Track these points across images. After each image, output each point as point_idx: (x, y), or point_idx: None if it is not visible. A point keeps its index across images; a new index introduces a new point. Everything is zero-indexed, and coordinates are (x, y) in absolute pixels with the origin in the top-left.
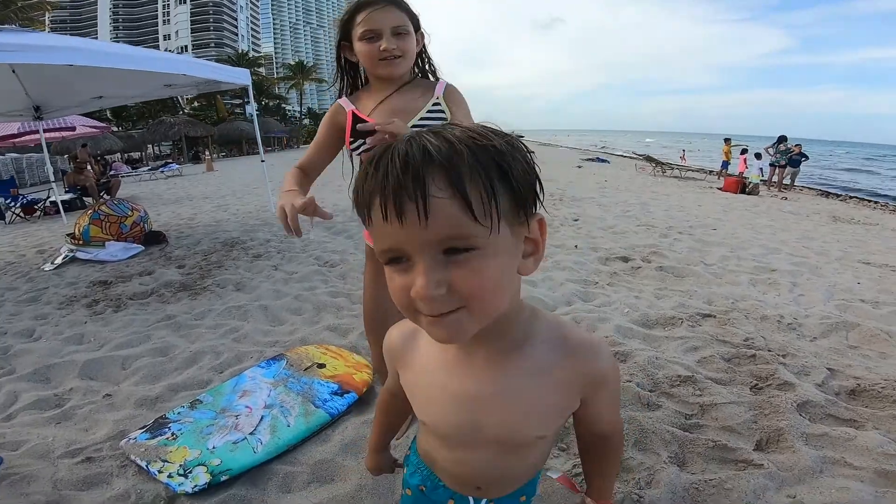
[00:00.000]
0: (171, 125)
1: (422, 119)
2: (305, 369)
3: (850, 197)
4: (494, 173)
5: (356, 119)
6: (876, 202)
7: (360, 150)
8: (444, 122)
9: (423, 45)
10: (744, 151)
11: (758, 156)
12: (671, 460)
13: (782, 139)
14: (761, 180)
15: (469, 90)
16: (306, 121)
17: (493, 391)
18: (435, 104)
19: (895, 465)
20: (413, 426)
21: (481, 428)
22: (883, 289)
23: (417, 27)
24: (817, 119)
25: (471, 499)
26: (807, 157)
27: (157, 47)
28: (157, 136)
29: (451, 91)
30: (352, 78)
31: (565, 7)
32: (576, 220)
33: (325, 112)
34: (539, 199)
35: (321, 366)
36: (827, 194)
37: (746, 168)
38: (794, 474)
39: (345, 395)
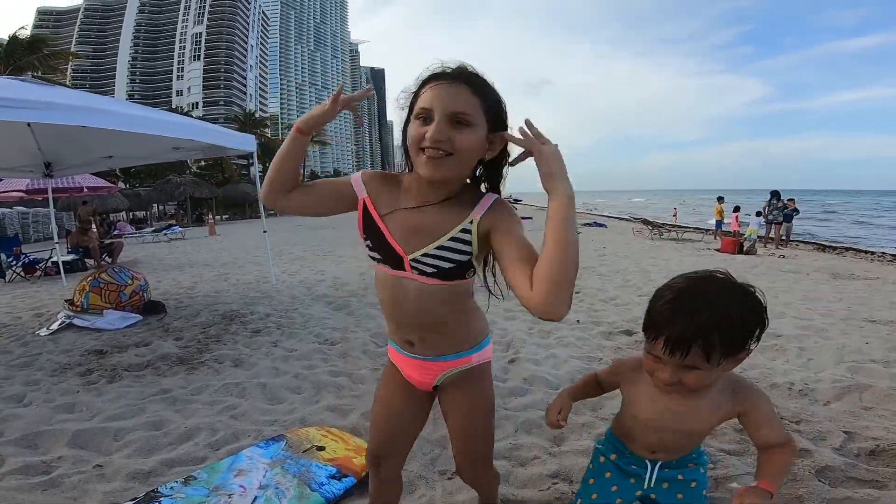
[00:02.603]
0: (177, 185)
1: (438, 249)
2: (304, 451)
3: (847, 249)
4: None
5: (366, 212)
6: (873, 253)
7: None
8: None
9: (498, 153)
10: (736, 209)
11: (759, 213)
12: None
13: (775, 194)
14: (758, 236)
15: None
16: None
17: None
18: (464, 230)
19: None
20: None
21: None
22: (893, 347)
23: (496, 126)
24: (801, 168)
25: (648, 462)
26: (798, 212)
27: (170, 102)
28: (164, 196)
29: (497, 208)
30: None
31: (552, 69)
32: (577, 293)
33: (327, 174)
34: None
35: (320, 448)
36: (823, 248)
37: (739, 227)
38: None
39: (343, 479)
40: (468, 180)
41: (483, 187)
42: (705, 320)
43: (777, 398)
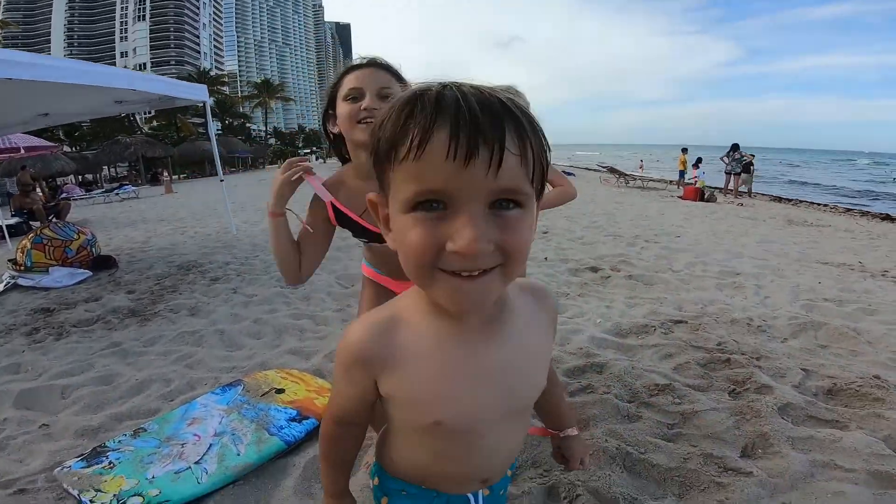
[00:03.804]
0: (126, 145)
1: None
2: (262, 395)
3: (801, 201)
4: (540, 139)
5: (337, 211)
6: (825, 205)
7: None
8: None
9: None
10: (698, 161)
11: (696, 165)
12: (659, 474)
13: (735, 147)
14: (716, 188)
15: None
16: (272, 140)
17: (505, 355)
18: None
19: (887, 465)
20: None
21: (516, 394)
22: (844, 287)
23: None
24: (764, 127)
25: (470, 496)
26: (753, 166)
27: (113, 65)
28: (113, 157)
29: None
30: (341, 154)
31: (523, 26)
32: (545, 233)
33: (291, 131)
34: None
35: (280, 391)
36: (779, 199)
37: (696, 177)
38: (786, 480)
39: (303, 422)
40: None
41: None
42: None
43: (737, 333)
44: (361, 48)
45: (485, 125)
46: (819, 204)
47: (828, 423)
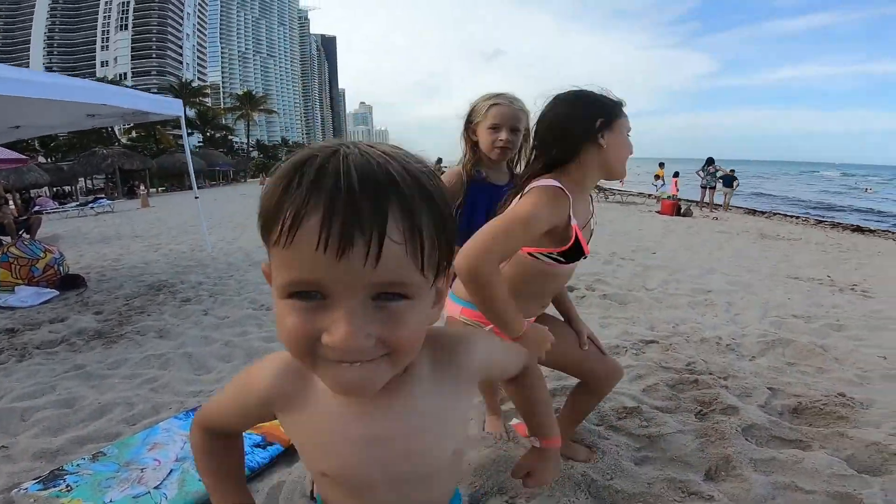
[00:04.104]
0: (103, 157)
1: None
2: None
3: (774, 213)
4: (440, 215)
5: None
6: (797, 217)
7: None
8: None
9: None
10: (676, 175)
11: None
12: (624, 500)
13: (710, 161)
14: (692, 202)
15: (423, 121)
16: (255, 153)
17: (402, 424)
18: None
19: (848, 485)
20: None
21: (413, 460)
22: (813, 302)
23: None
24: (739, 139)
25: None
26: (736, 179)
27: (93, 74)
28: (89, 169)
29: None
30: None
31: (506, 39)
32: None
33: (274, 144)
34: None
35: None
36: (754, 212)
37: (678, 191)
38: None
39: (268, 448)
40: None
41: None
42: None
43: (707, 353)
44: (346, 62)
45: (363, 209)
46: (791, 216)
47: (791, 444)
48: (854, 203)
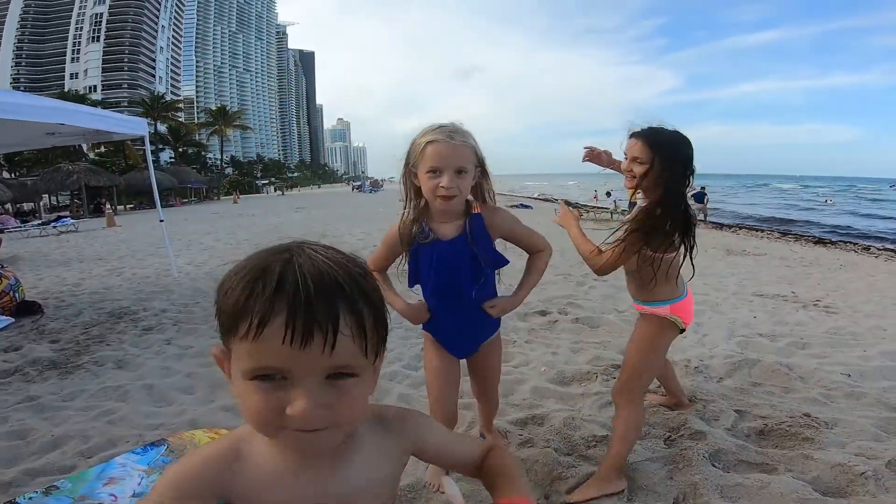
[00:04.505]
0: (69, 173)
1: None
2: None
3: (740, 227)
4: (377, 310)
5: None
6: (762, 230)
7: None
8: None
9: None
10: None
11: (608, 193)
12: None
13: None
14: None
15: (399, 137)
16: (229, 169)
17: (354, 485)
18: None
19: None
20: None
21: None
22: (778, 320)
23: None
24: (704, 154)
25: None
26: (707, 195)
27: (62, 86)
28: (53, 186)
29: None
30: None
31: (483, 57)
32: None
33: (249, 160)
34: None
35: None
36: (721, 226)
37: (613, 202)
38: None
39: None
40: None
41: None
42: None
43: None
44: (325, 77)
45: (319, 310)
46: (756, 230)
47: (757, 467)
48: (818, 218)
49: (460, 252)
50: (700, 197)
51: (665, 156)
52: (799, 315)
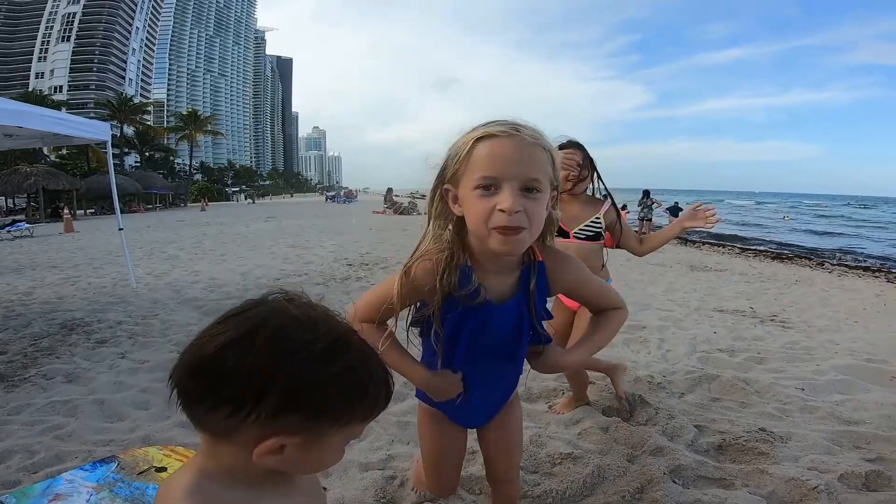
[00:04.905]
0: (26, 176)
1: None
2: (140, 473)
3: (704, 243)
4: None
5: None
6: (724, 245)
7: None
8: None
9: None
10: (624, 207)
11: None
12: None
13: (646, 194)
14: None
15: (379, 146)
16: (198, 176)
17: None
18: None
19: None
20: None
21: None
22: (736, 336)
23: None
24: (672, 170)
25: None
26: (682, 210)
27: (27, 84)
28: (10, 188)
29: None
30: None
31: (461, 68)
32: None
33: (220, 167)
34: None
35: (160, 469)
36: (686, 241)
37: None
38: None
39: None
40: None
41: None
42: None
43: (640, 391)
44: (302, 85)
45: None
46: (718, 245)
47: (715, 483)
48: (774, 235)
49: (516, 318)
50: (675, 211)
51: (591, 158)
52: (757, 330)
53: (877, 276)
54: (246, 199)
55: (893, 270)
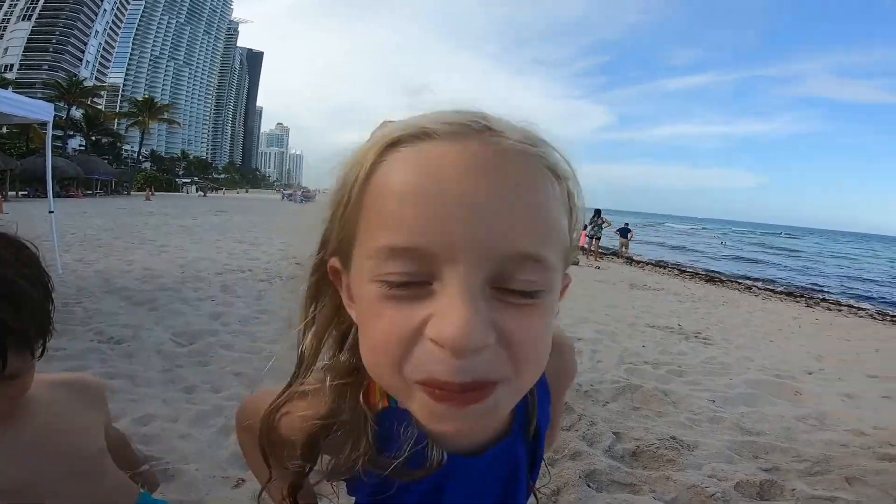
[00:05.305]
0: None
1: None
2: None
3: (647, 264)
4: None
5: None
6: (665, 265)
7: None
8: None
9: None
10: (584, 228)
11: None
12: None
13: (597, 213)
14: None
15: (343, 147)
16: (147, 164)
17: None
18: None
19: None
20: None
21: None
22: (663, 350)
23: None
24: (626, 192)
25: None
26: (631, 231)
27: None
28: None
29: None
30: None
31: (433, 77)
32: None
33: (172, 156)
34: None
35: None
36: (631, 261)
37: (585, 242)
38: None
39: None
40: None
41: None
42: None
43: (568, 398)
44: (270, 81)
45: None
46: (659, 266)
47: (626, 488)
48: (710, 260)
49: (505, 477)
50: (625, 232)
51: None
52: (681, 346)
53: (797, 301)
54: (197, 191)
55: (813, 297)
